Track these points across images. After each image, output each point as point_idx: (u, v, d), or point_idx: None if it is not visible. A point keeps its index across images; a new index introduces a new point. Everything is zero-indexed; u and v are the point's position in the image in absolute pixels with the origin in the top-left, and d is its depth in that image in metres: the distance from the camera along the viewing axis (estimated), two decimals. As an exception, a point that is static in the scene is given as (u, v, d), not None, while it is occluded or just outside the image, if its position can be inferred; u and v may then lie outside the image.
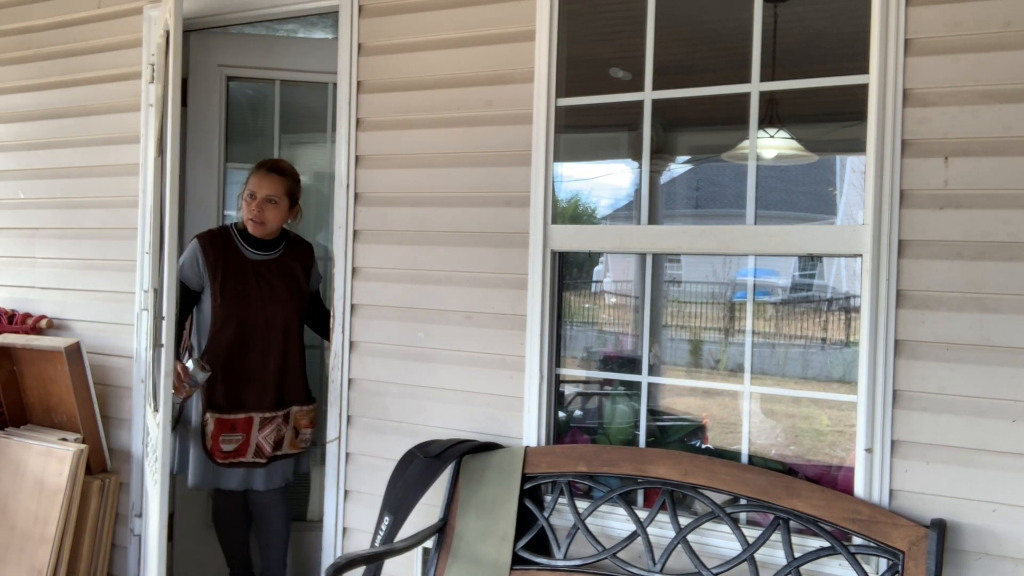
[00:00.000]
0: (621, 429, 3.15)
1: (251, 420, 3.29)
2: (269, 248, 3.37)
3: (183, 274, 3.22)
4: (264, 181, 3.28)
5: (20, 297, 4.11)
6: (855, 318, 2.49)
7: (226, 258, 3.28)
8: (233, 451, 3.26)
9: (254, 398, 3.30)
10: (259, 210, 3.27)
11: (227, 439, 3.26)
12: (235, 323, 3.26)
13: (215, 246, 3.28)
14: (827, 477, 2.87)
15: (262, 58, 3.76)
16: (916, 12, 2.36)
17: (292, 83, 3.80)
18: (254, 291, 3.30)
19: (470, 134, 3.02)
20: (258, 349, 3.30)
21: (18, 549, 3.51)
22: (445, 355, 3.05)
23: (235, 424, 3.26)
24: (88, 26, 3.93)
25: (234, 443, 3.27)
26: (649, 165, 2.83)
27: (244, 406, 3.28)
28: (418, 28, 3.11)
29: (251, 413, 3.29)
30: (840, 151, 4.57)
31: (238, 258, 3.31)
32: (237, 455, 3.27)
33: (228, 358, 3.26)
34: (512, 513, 2.72)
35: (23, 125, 4.14)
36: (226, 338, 3.26)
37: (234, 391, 3.28)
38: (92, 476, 3.60)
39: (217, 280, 3.24)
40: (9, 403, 3.85)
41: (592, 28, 3.06)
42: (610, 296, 4.43)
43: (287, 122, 3.89)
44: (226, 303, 3.25)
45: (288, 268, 3.40)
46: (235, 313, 3.26)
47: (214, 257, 3.26)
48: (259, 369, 3.31)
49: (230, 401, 3.27)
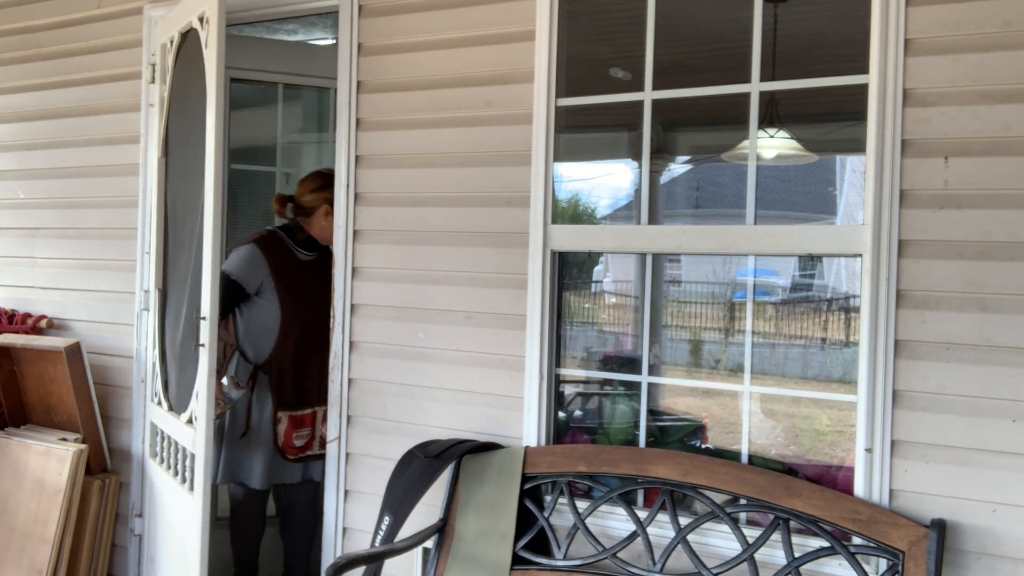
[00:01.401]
0: (621, 429, 3.15)
1: (315, 414, 3.52)
2: (311, 249, 3.56)
3: (241, 275, 3.35)
4: None
5: (20, 297, 4.11)
6: (855, 318, 2.49)
7: (284, 260, 3.45)
8: (303, 446, 3.49)
9: (315, 393, 3.50)
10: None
11: (299, 435, 3.48)
12: (301, 322, 3.44)
13: (275, 249, 3.44)
14: (827, 477, 2.87)
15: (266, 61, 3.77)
16: (916, 12, 2.36)
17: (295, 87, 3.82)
18: (309, 290, 3.48)
19: (470, 134, 3.02)
20: (317, 346, 3.48)
21: (18, 549, 3.51)
22: (445, 355, 3.05)
23: (303, 419, 3.48)
24: (88, 26, 3.93)
25: (304, 438, 3.49)
26: (649, 165, 2.83)
27: (309, 402, 3.51)
28: (418, 28, 3.11)
29: (315, 408, 3.51)
30: (840, 151, 4.57)
31: (294, 260, 3.49)
32: (306, 449, 3.49)
33: (296, 356, 3.45)
34: (512, 513, 2.72)
35: (23, 125, 4.14)
36: (294, 338, 3.43)
37: (300, 388, 3.48)
38: (92, 476, 3.60)
39: (282, 281, 3.41)
40: (9, 403, 3.85)
41: (592, 28, 3.06)
42: (610, 296, 4.43)
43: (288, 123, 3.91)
44: (293, 304, 3.42)
45: (325, 268, 3.48)
46: (301, 313, 3.44)
47: (276, 260, 3.42)
48: (317, 364, 3.47)
49: (298, 398, 3.47)
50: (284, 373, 3.43)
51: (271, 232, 3.52)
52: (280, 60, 3.87)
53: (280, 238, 3.49)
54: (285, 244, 3.48)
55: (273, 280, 3.39)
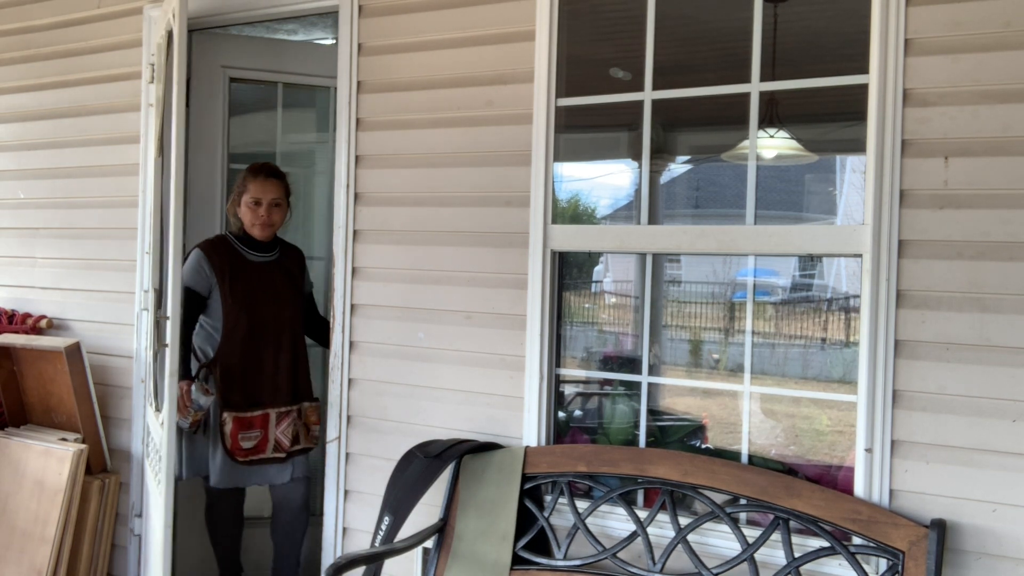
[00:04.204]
0: (621, 429, 3.15)
1: (267, 416, 3.37)
2: (267, 250, 3.47)
3: (189, 280, 3.28)
4: (267, 186, 3.38)
5: (20, 297, 4.11)
6: (855, 318, 2.49)
7: (231, 261, 3.38)
8: (253, 448, 3.34)
9: (269, 394, 3.38)
10: (267, 214, 3.38)
11: (245, 436, 3.32)
12: (247, 321, 3.34)
13: (218, 251, 3.38)
14: (827, 477, 2.87)
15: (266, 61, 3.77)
16: (916, 12, 2.36)
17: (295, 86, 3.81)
18: (260, 290, 3.39)
19: (470, 134, 3.02)
20: (270, 346, 3.39)
21: (18, 549, 3.51)
22: (445, 355, 3.05)
23: (252, 421, 3.33)
24: (88, 26, 3.93)
25: (253, 440, 3.34)
26: (649, 165, 2.83)
27: (260, 403, 3.36)
28: (418, 28, 3.11)
29: (267, 409, 3.37)
30: (840, 151, 4.57)
31: (241, 261, 3.40)
32: (257, 452, 3.34)
33: (243, 356, 3.34)
34: (512, 513, 2.72)
35: (23, 125, 4.14)
36: (240, 336, 3.33)
37: (250, 389, 3.35)
38: (92, 476, 3.60)
39: (226, 281, 3.33)
40: (9, 403, 3.85)
41: (592, 28, 3.06)
42: (610, 296, 4.43)
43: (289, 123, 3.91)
44: (236, 302, 3.33)
45: (286, 268, 3.52)
46: (246, 311, 3.34)
47: (219, 260, 3.35)
48: (272, 365, 3.39)
49: (246, 399, 3.34)
50: (231, 373, 3.32)
51: (218, 236, 3.52)
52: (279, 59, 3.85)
53: (226, 240, 3.45)
54: (231, 245, 3.42)
55: (217, 280, 3.33)
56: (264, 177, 3.39)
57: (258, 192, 3.37)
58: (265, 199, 3.38)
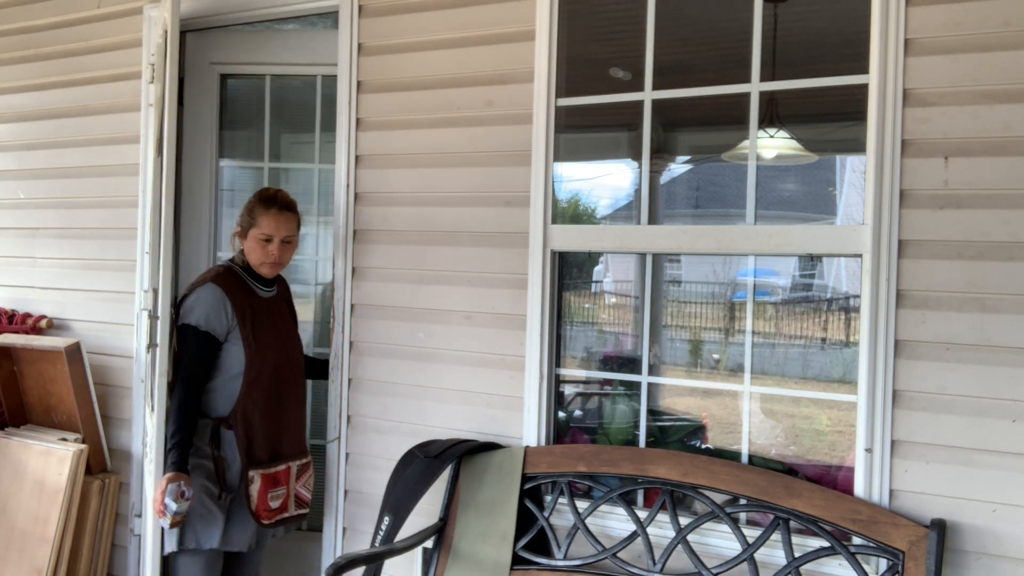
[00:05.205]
0: (621, 429, 3.15)
1: (289, 470, 3.01)
2: (271, 284, 3.06)
3: (209, 325, 2.83)
4: (281, 222, 2.92)
5: (20, 297, 4.11)
6: (855, 318, 2.49)
7: (246, 299, 2.94)
8: (279, 507, 2.96)
9: (289, 446, 3.02)
10: (280, 253, 2.94)
11: (274, 495, 2.94)
12: (269, 368, 2.94)
13: (235, 288, 2.92)
14: (827, 477, 2.86)
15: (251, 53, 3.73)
16: (916, 12, 2.36)
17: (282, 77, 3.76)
18: (274, 331, 3.01)
19: (470, 134, 3.02)
20: (290, 393, 3.04)
21: (18, 549, 3.51)
22: (445, 355, 3.05)
23: (278, 477, 2.96)
24: (88, 26, 3.93)
25: (280, 498, 2.97)
26: (649, 165, 2.83)
27: (282, 456, 2.99)
28: (418, 28, 3.11)
29: (288, 463, 3.01)
30: (840, 151, 4.57)
31: (254, 299, 2.97)
32: (281, 511, 2.98)
33: (266, 407, 2.94)
34: (512, 513, 2.72)
35: (23, 125, 4.14)
36: (262, 385, 2.92)
37: (273, 441, 2.97)
38: (92, 476, 3.60)
39: (248, 325, 2.89)
40: (9, 403, 3.85)
41: (592, 28, 3.06)
42: (610, 296, 4.42)
43: (280, 117, 3.86)
44: (260, 348, 2.91)
45: (287, 301, 3.18)
46: (268, 357, 2.94)
47: (239, 299, 2.90)
48: (292, 414, 3.04)
49: (270, 453, 2.95)
50: (252, 427, 2.88)
51: (226, 267, 2.97)
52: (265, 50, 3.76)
53: (236, 272, 2.96)
54: (242, 279, 2.95)
55: (238, 321, 2.86)
56: (278, 211, 2.91)
57: (270, 228, 2.90)
58: (277, 236, 2.91)
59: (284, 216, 2.93)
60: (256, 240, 2.92)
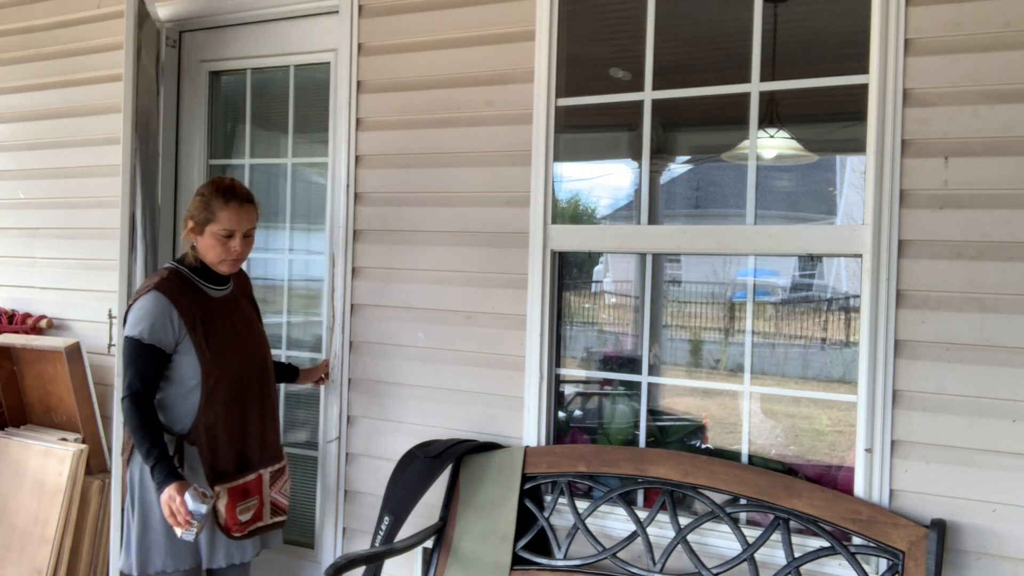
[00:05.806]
0: (621, 429, 3.15)
1: (260, 479, 2.81)
2: (224, 281, 2.82)
3: (153, 337, 2.59)
4: (243, 215, 2.70)
5: (20, 297, 4.11)
6: (855, 318, 2.49)
7: (198, 303, 2.71)
8: (251, 519, 2.77)
9: (258, 453, 2.81)
10: (242, 248, 2.73)
11: (244, 507, 2.75)
12: (229, 374, 2.72)
13: (183, 294, 2.67)
14: (827, 477, 2.86)
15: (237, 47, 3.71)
16: (916, 12, 2.36)
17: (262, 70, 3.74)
18: (231, 332, 2.78)
19: (470, 134, 3.02)
20: (254, 397, 2.81)
21: (18, 549, 3.51)
22: (445, 355, 3.05)
23: (247, 488, 2.76)
24: (88, 26, 3.93)
25: (251, 509, 2.78)
26: (649, 165, 2.83)
27: (251, 464, 2.79)
28: (418, 28, 3.11)
29: (259, 471, 2.80)
30: (840, 151, 4.57)
31: (205, 300, 2.73)
32: (255, 521, 2.79)
33: (227, 416, 2.72)
34: (512, 513, 2.72)
35: (23, 125, 4.14)
36: (223, 394, 2.70)
37: (239, 450, 2.76)
38: (92, 476, 3.60)
39: (198, 332, 2.66)
40: (9, 403, 3.85)
41: (592, 28, 3.06)
42: (610, 296, 4.42)
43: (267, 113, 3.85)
44: (217, 355, 2.69)
45: (247, 296, 2.97)
46: (227, 362, 2.71)
47: (188, 307, 2.66)
48: (258, 418, 2.82)
49: (237, 464, 2.75)
50: (215, 439, 2.67)
51: (171, 271, 2.72)
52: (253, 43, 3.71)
53: (183, 275, 2.72)
54: (191, 282, 2.71)
55: (188, 330, 2.63)
56: (239, 204, 2.68)
57: (231, 223, 2.66)
58: (240, 231, 2.69)
59: (245, 209, 2.71)
60: (215, 236, 2.68)
